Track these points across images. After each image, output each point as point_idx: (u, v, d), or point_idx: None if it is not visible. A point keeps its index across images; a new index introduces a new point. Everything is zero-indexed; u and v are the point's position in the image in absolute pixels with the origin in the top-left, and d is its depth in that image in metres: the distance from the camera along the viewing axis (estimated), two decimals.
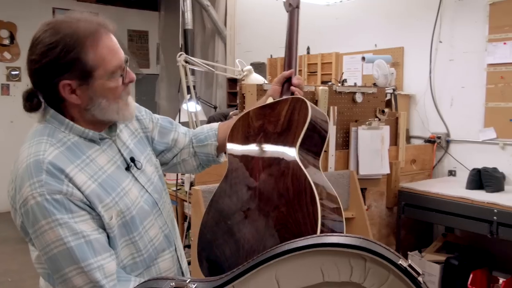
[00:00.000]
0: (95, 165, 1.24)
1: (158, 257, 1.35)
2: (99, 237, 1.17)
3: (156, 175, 1.43)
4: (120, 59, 1.23)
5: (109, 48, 1.20)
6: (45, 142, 1.19)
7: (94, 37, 1.18)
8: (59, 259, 1.13)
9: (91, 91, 1.20)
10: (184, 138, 1.59)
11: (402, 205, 3.26)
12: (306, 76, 4.70)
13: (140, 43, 7.39)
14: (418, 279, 0.78)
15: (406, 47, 3.93)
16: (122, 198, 1.24)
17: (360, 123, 3.11)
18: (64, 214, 1.13)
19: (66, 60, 1.16)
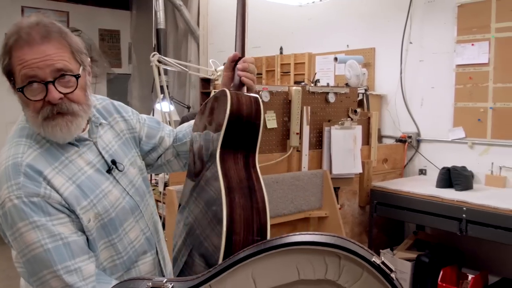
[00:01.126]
0: (74, 166, 1.22)
1: (139, 259, 1.34)
2: (78, 240, 1.16)
3: (139, 178, 1.42)
4: (32, 72, 1.12)
5: (21, 59, 1.13)
6: (24, 144, 1.18)
7: (14, 44, 1.13)
8: (36, 261, 1.12)
9: (18, 98, 1.18)
10: (169, 138, 1.57)
11: (374, 204, 3.31)
12: (279, 76, 4.72)
13: (111, 42, 7.29)
14: (391, 275, 0.79)
15: (377, 47, 3.99)
16: (100, 200, 1.23)
17: (333, 123, 3.14)
18: (42, 217, 1.12)
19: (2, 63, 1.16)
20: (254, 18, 5.48)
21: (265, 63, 4.88)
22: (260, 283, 0.89)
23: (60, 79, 1.15)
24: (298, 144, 3.00)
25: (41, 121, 1.16)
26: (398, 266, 3.26)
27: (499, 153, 3.27)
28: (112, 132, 1.40)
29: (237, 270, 0.89)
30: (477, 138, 3.38)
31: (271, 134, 2.93)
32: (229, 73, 1.40)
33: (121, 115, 1.45)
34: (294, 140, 2.97)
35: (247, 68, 1.34)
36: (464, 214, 2.84)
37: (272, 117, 2.91)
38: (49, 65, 1.13)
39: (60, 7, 6.73)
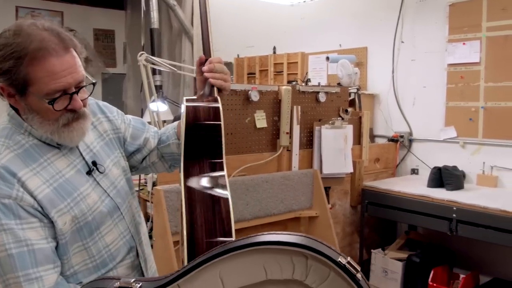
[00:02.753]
0: (53, 168, 1.20)
1: (116, 262, 1.32)
2: (45, 247, 1.14)
3: (122, 179, 1.40)
4: (63, 85, 1.14)
5: (50, 71, 1.12)
6: (1, 144, 1.16)
7: (36, 55, 1.11)
8: (1, 264, 1.10)
9: (25, 103, 1.16)
10: (153, 140, 1.55)
11: (366, 204, 3.30)
12: (272, 76, 4.71)
13: (106, 42, 7.28)
14: (356, 276, 0.78)
15: (369, 47, 3.98)
16: (78, 203, 1.21)
17: (324, 123, 3.13)
18: (11, 220, 1.10)
19: (2, 66, 1.12)
20: (247, 18, 5.49)
21: (259, 62, 4.87)
22: (227, 283, 0.87)
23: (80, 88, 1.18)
24: (288, 143, 2.98)
25: (60, 127, 1.18)
26: (389, 266, 3.25)
27: (490, 153, 3.27)
28: (95, 133, 1.38)
29: (205, 269, 0.88)
30: (469, 138, 3.38)
31: (261, 133, 2.92)
32: (201, 77, 1.41)
33: (106, 115, 1.44)
34: (284, 139, 2.96)
35: (213, 68, 1.36)
36: (454, 214, 2.84)
37: (262, 116, 2.90)
38: (74, 77, 1.15)
39: (55, 7, 6.71)
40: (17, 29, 1.14)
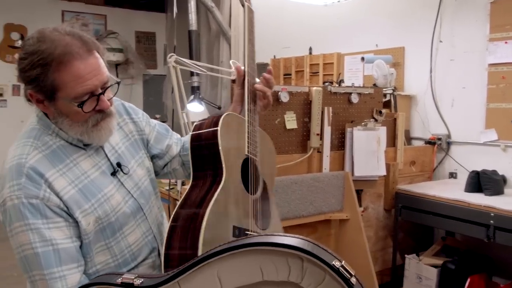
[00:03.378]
0: (78, 169, 1.24)
1: (138, 262, 1.35)
2: (69, 247, 1.18)
3: (146, 179, 1.43)
4: (89, 88, 1.17)
5: (76, 75, 1.15)
6: (30, 145, 1.21)
7: (62, 61, 1.14)
8: (27, 262, 1.15)
9: (54, 108, 1.20)
10: (176, 147, 1.58)
11: (399, 207, 3.22)
12: (308, 77, 4.68)
13: (147, 44, 7.43)
14: (350, 280, 0.76)
15: (407, 47, 3.88)
16: (102, 204, 1.24)
17: (356, 124, 3.08)
18: (38, 219, 1.14)
19: (29, 74, 1.15)
20: (283, 19, 5.47)
21: (295, 63, 4.85)
22: (225, 282, 0.87)
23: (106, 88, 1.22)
24: (319, 145, 2.95)
25: (90, 127, 1.22)
26: (423, 272, 3.16)
27: None
28: (120, 133, 1.41)
29: (203, 268, 0.88)
30: (511, 141, 3.23)
31: (291, 134, 2.90)
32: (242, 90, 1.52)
33: (131, 116, 1.47)
34: (314, 141, 2.93)
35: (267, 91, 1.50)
36: (492, 220, 2.72)
37: (292, 117, 2.88)
38: (99, 78, 1.18)
39: (99, 11, 6.92)
40: (40, 36, 1.17)
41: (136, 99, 7.18)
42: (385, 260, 3.42)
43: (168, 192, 2.78)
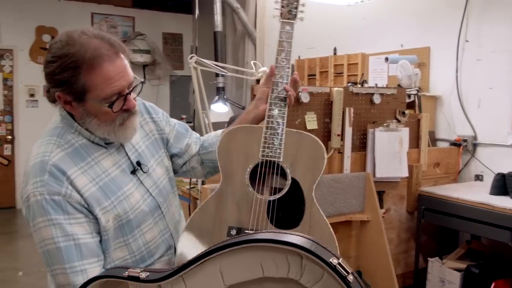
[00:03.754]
0: (99, 167, 1.27)
1: (154, 259, 1.38)
2: (90, 242, 1.21)
3: (165, 178, 1.46)
4: (117, 88, 1.22)
5: (106, 77, 1.19)
6: (53, 143, 1.25)
7: (93, 63, 1.18)
8: (49, 256, 1.19)
9: (83, 109, 1.24)
10: (195, 146, 1.62)
11: (422, 210, 3.17)
12: (332, 77, 4.66)
13: (174, 45, 7.54)
14: (347, 278, 0.76)
15: (432, 47, 3.83)
16: (121, 202, 1.28)
17: (378, 125, 3.05)
18: (60, 215, 1.18)
19: (60, 77, 1.19)
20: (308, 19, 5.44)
21: (319, 64, 4.83)
22: (227, 277, 0.89)
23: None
24: (340, 145, 2.94)
25: (117, 126, 1.26)
26: (446, 275, 3.10)
27: None
28: (141, 132, 1.45)
29: (206, 263, 0.90)
30: None
31: None
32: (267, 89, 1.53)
33: (151, 116, 1.51)
34: (335, 141, 2.92)
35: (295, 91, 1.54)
36: None
37: (312, 118, 2.87)
38: (126, 79, 1.23)
39: (127, 13, 7.05)
40: (69, 39, 1.20)
41: (163, 99, 7.28)
42: (408, 262, 3.37)
43: (188, 191, 2.81)
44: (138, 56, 6.95)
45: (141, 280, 0.92)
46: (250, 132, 1.48)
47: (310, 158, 1.41)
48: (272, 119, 1.47)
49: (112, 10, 6.95)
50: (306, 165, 1.40)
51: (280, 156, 1.42)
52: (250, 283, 0.88)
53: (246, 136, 1.47)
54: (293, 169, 1.41)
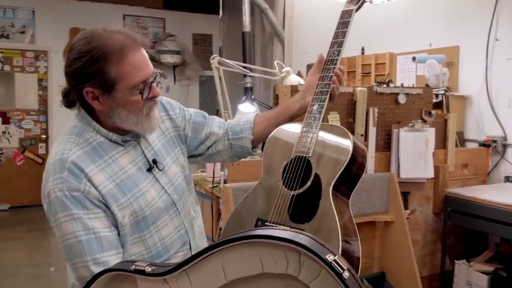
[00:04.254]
0: (117, 165, 1.31)
1: (170, 255, 1.41)
2: (109, 235, 1.25)
3: (181, 176, 1.49)
4: (144, 76, 1.27)
5: (134, 65, 1.25)
6: (72, 141, 1.29)
7: (121, 53, 1.23)
8: (70, 249, 1.23)
9: (112, 101, 1.27)
10: (218, 131, 1.63)
11: (448, 211, 3.12)
12: (360, 77, 4.62)
13: (204, 46, 7.61)
14: (343, 274, 0.77)
15: (461, 46, 3.75)
16: (137, 199, 1.31)
17: (403, 125, 3.02)
18: (80, 210, 1.22)
19: (90, 70, 1.23)
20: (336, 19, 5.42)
21: (347, 64, 4.80)
22: (228, 272, 0.91)
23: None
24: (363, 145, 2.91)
25: (144, 117, 1.31)
26: (473, 278, 3.04)
27: None
28: (157, 131, 1.48)
29: (209, 259, 0.92)
30: None
31: None
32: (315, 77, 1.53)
33: (168, 113, 1.54)
34: None
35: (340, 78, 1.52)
36: None
37: (335, 118, 2.86)
38: (150, 67, 1.30)
39: (158, 14, 7.17)
40: (92, 35, 1.25)
41: (192, 99, 7.37)
42: (434, 265, 3.32)
43: (211, 190, 2.85)
44: (168, 57, 7.06)
45: (146, 273, 0.95)
46: (293, 129, 1.52)
47: (334, 153, 1.41)
48: (310, 115, 1.48)
49: (143, 12, 7.08)
50: (329, 160, 1.40)
51: (309, 152, 1.43)
52: (251, 278, 0.89)
53: (289, 134, 1.52)
54: (318, 164, 1.41)
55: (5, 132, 6.82)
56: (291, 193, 1.40)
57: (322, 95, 1.48)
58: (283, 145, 1.52)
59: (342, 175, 1.37)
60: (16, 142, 6.83)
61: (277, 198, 1.41)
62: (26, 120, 6.88)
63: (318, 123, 1.45)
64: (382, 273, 3.01)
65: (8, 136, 6.82)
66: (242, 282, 0.89)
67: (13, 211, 6.36)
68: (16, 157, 6.73)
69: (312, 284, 0.82)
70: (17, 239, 5.28)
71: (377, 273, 3.01)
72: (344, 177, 1.39)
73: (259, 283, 0.88)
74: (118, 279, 1.01)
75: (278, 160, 1.50)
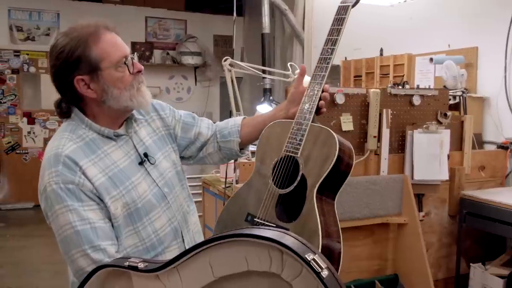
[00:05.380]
0: (109, 159, 1.37)
1: (164, 247, 1.45)
2: (104, 226, 1.30)
3: (172, 171, 1.54)
4: (123, 51, 1.36)
5: (111, 42, 1.35)
6: (66, 137, 1.36)
7: (96, 35, 1.33)
8: (67, 241, 1.28)
9: (102, 82, 1.35)
10: (206, 132, 1.69)
11: (464, 214, 3.08)
12: (378, 79, 4.60)
13: (225, 47, 7.66)
14: (321, 273, 0.79)
15: (480, 47, 3.70)
16: (129, 191, 1.37)
17: (417, 127, 3.00)
18: (75, 202, 1.28)
19: (73, 58, 1.32)
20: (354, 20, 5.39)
21: (365, 65, 4.78)
22: (216, 269, 0.94)
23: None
24: (376, 147, 2.91)
25: (135, 91, 1.39)
26: (488, 282, 3.00)
27: None
28: (148, 129, 1.54)
29: (198, 256, 0.95)
30: None
31: (347, 136, 2.84)
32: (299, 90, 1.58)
33: (158, 113, 1.60)
34: (371, 143, 2.90)
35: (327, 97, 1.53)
36: None
37: (348, 119, 2.87)
38: (126, 47, 1.39)
39: (179, 16, 7.25)
40: (68, 30, 1.37)
41: (213, 101, 7.43)
42: (450, 268, 3.28)
43: (224, 190, 2.89)
44: (189, 58, 7.14)
45: (139, 269, 0.98)
46: (286, 127, 1.53)
47: (322, 155, 1.42)
48: (301, 114, 1.50)
49: (165, 14, 7.17)
50: (316, 161, 1.42)
51: (297, 152, 1.45)
52: (238, 276, 0.92)
53: (281, 131, 1.54)
54: (305, 165, 1.43)
55: (30, 132, 7.01)
56: (279, 191, 1.44)
57: (313, 95, 1.49)
58: (276, 140, 1.54)
59: (327, 178, 1.39)
60: (41, 142, 7.00)
61: (266, 195, 1.45)
62: (51, 121, 7.04)
63: (308, 123, 1.46)
64: (395, 275, 3.00)
65: (33, 136, 7.01)
66: (230, 279, 0.92)
67: (37, 209, 6.51)
68: (41, 156, 6.90)
69: (294, 282, 0.84)
70: (41, 236, 5.40)
71: (390, 275, 3.00)
72: (329, 180, 1.40)
73: (245, 281, 0.91)
74: (114, 275, 1.05)
75: (268, 156, 1.54)
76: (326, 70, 1.48)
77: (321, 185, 1.38)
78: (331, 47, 1.50)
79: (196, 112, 1.93)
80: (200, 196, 3.71)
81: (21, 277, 4.46)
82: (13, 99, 6.95)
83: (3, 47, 6.78)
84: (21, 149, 7.02)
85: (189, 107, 7.01)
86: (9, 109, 6.94)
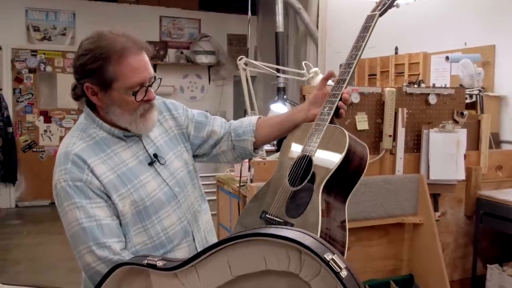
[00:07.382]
0: (118, 158, 1.39)
1: (173, 245, 1.46)
2: (111, 223, 1.33)
3: (183, 170, 1.55)
4: (141, 78, 1.35)
5: (132, 67, 1.33)
6: (76, 136, 1.39)
7: (121, 54, 1.32)
8: (75, 237, 1.31)
9: (108, 98, 1.36)
10: (220, 130, 1.69)
11: (480, 214, 3.05)
12: (393, 77, 4.57)
13: (239, 46, 7.66)
14: (340, 273, 0.79)
15: (497, 45, 3.65)
16: (137, 189, 1.38)
17: (433, 126, 2.97)
18: (82, 199, 1.30)
19: (91, 67, 1.33)
20: None
21: (380, 63, 4.76)
22: (234, 268, 0.94)
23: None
24: (391, 146, 2.89)
25: (138, 117, 1.39)
26: (506, 283, 2.97)
27: None
28: (160, 129, 1.55)
29: (216, 255, 0.95)
30: None
31: (362, 136, 2.87)
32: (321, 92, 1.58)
33: (171, 113, 1.61)
34: (387, 142, 2.88)
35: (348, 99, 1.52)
36: None
37: (363, 118, 2.85)
38: (149, 72, 1.37)
39: (193, 15, 7.27)
40: (98, 36, 1.36)
41: (227, 100, 7.44)
42: (466, 269, 3.25)
43: (238, 189, 2.89)
44: (203, 57, 7.16)
45: (158, 268, 0.99)
46: (306, 128, 1.57)
47: (331, 152, 1.43)
48: (321, 116, 1.52)
49: (179, 13, 7.20)
50: (324, 161, 1.44)
51: (312, 151, 1.46)
52: (256, 275, 0.92)
53: (302, 132, 1.57)
54: (317, 162, 1.44)
55: (47, 130, 7.10)
56: (291, 189, 1.46)
57: (334, 97, 1.50)
58: (298, 140, 1.57)
59: (335, 176, 1.39)
60: (57, 141, 7.09)
61: (280, 192, 1.47)
62: (67, 119, 7.13)
63: (325, 124, 1.48)
64: (411, 275, 2.98)
65: (49, 135, 7.09)
66: (247, 279, 0.92)
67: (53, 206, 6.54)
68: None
69: (312, 282, 0.84)
70: (57, 233, 5.45)
71: (405, 275, 2.98)
72: (336, 178, 1.40)
73: (263, 280, 0.91)
74: (132, 274, 1.06)
75: (288, 157, 1.57)
76: (348, 75, 1.51)
77: (328, 183, 1.38)
78: (356, 53, 1.55)
79: (210, 111, 1.93)
80: (214, 194, 3.72)
81: (38, 273, 4.52)
82: (30, 98, 7.04)
83: (21, 47, 6.87)
84: (38, 147, 7.12)
85: (203, 106, 7.04)
86: (26, 108, 7.04)
